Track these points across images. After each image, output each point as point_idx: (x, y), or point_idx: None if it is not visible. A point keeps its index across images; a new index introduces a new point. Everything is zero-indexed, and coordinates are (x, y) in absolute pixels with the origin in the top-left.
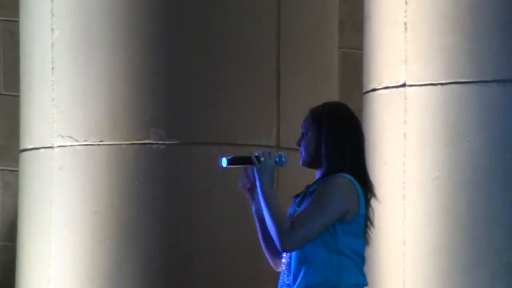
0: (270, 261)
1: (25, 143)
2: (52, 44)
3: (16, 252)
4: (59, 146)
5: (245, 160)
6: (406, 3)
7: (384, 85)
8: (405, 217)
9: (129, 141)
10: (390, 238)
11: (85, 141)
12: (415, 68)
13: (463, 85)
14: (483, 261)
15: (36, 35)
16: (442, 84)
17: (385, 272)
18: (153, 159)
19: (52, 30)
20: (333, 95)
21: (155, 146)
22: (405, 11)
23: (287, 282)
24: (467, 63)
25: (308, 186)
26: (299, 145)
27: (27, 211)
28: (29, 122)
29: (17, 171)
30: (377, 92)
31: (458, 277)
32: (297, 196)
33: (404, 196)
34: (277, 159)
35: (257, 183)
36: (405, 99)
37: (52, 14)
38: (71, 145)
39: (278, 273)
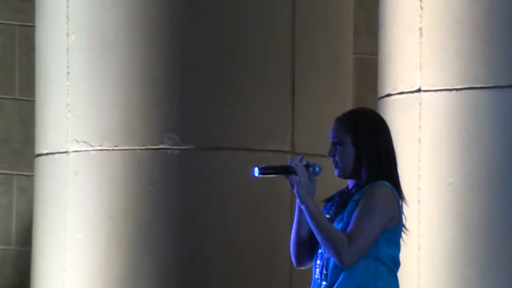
0: (295, 259)
1: (40, 148)
2: (68, 49)
3: (31, 257)
4: (74, 151)
5: (279, 170)
6: (421, 8)
7: (399, 91)
8: (420, 222)
9: (143, 146)
10: (405, 243)
11: (100, 146)
12: (430, 73)
13: (478, 90)
14: (499, 266)
15: (52, 40)
16: (457, 89)
17: (400, 277)
18: (168, 164)
19: (68, 35)
20: (348, 100)
21: (169, 151)
22: (420, 16)
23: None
24: (482, 68)
25: (344, 193)
26: (332, 155)
27: (42, 216)
28: (44, 127)
29: (32, 176)
30: (392, 98)
31: (473, 282)
32: (327, 200)
33: (419, 201)
34: (311, 169)
35: (296, 194)
36: (420, 104)
37: (68, 19)
38: (86, 150)
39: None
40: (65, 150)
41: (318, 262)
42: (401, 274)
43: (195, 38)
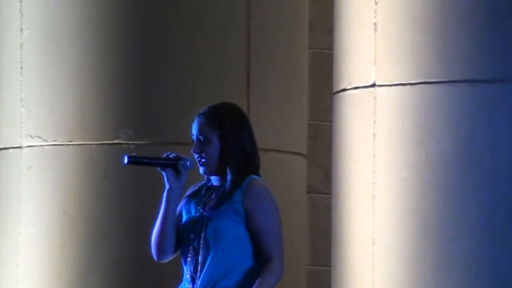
0: (158, 252)
1: None
2: (21, 44)
3: None
4: (27, 146)
5: (153, 161)
6: (376, 3)
7: (354, 85)
8: (374, 216)
9: (98, 141)
10: (360, 238)
11: (54, 141)
12: (384, 68)
13: (432, 85)
14: (453, 261)
15: (5, 35)
16: (411, 84)
17: (355, 272)
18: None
19: (21, 30)
20: (304, 95)
21: (124, 146)
22: (375, 11)
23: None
24: (436, 63)
25: (211, 188)
26: (198, 152)
27: None
28: None
29: None
30: (347, 92)
31: (427, 277)
32: (192, 196)
33: (373, 196)
34: (182, 163)
35: (169, 186)
36: (375, 99)
37: (21, 14)
38: (40, 145)
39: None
40: (18, 145)
41: (188, 259)
42: (356, 269)
43: (151, 33)
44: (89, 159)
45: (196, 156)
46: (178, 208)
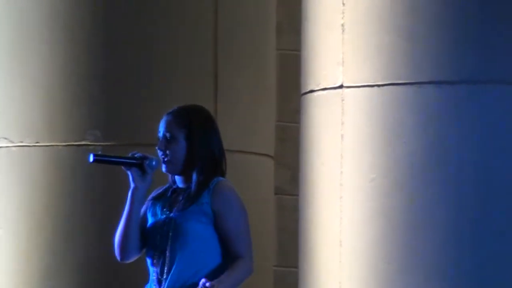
0: (121, 253)
1: None
2: None
3: None
4: None
5: (118, 161)
6: (343, 4)
7: (322, 87)
8: (341, 218)
9: (65, 142)
10: (327, 239)
11: (21, 142)
12: (352, 70)
13: (400, 86)
14: (419, 264)
15: None
16: (378, 85)
17: (322, 273)
18: None
19: None
20: (272, 97)
21: (91, 147)
22: (343, 13)
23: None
24: (404, 64)
25: (177, 190)
26: (163, 150)
27: None
28: None
29: None
30: (315, 94)
31: (394, 279)
32: (157, 198)
33: (341, 197)
34: (147, 162)
35: (135, 186)
36: (342, 100)
37: None
38: (7, 146)
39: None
40: None
41: (155, 261)
42: (323, 270)
43: (118, 35)
44: (56, 160)
45: (160, 153)
46: (142, 210)
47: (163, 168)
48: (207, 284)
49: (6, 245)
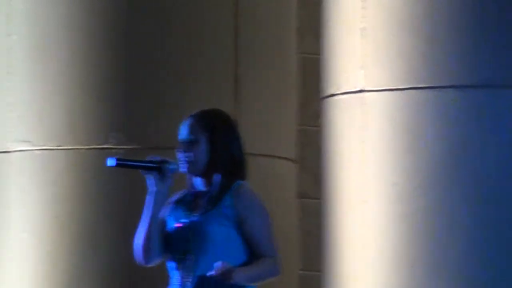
0: (145, 256)
1: None
2: (8, 49)
3: None
4: (16, 151)
5: (139, 165)
6: (363, 8)
7: (342, 91)
8: (364, 222)
9: (88, 145)
10: (350, 243)
11: (44, 146)
12: (373, 74)
13: (421, 90)
14: (443, 267)
15: None
16: (400, 89)
17: (345, 277)
18: None
19: (9, 35)
20: (292, 100)
21: (114, 150)
22: (363, 17)
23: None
24: (425, 68)
25: (198, 193)
26: (184, 152)
27: None
28: None
29: None
30: (336, 98)
31: (418, 283)
32: (178, 201)
33: (363, 202)
34: (167, 165)
35: (155, 190)
36: (363, 104)
37: (9, 19)
38: (29, 150)
39: None
40: (7, 150)
41: (179, 264)
42: (346, 274)
43: (139, 38)
44: (78, 163)
45: (182, 155)
46: (162, 213)
47: (184, 168)
48: (219, 264)
49: (30, 249)
